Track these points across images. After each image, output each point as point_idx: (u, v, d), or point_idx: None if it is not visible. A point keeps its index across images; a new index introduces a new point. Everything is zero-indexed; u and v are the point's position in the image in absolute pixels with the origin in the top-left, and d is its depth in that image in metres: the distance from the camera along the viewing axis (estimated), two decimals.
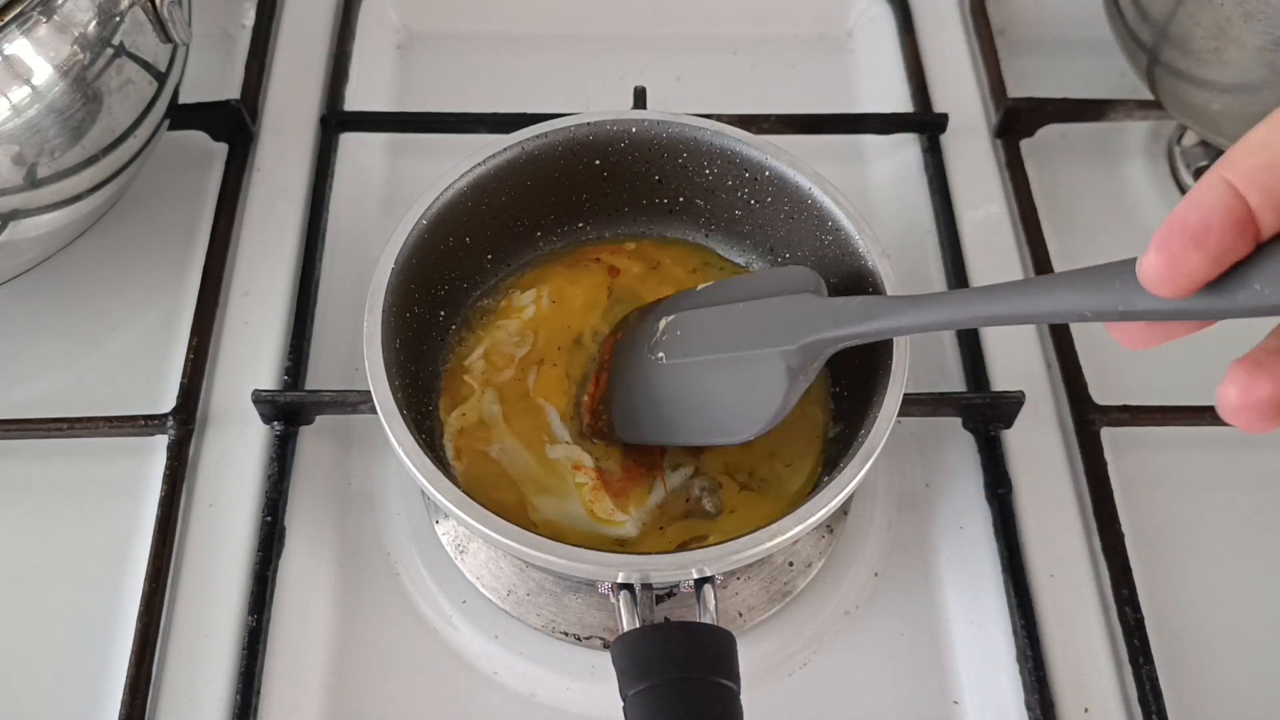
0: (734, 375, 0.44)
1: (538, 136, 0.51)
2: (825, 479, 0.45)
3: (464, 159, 0.50)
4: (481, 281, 0.54)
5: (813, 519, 0.41)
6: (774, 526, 0.40)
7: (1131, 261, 0.29)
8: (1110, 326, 0.30)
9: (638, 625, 0.39)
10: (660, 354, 0.47)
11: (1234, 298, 0.27)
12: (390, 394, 0.43)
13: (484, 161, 0.50)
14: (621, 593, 0.40)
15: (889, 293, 0.46)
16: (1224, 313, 0.27)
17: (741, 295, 0.46)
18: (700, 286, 0.50)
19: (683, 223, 0.55)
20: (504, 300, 0.53)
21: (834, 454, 0.48)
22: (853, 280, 0.49)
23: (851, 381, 0.49)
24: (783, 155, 0.50)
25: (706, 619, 0.40)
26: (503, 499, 0.48)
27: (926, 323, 0.38)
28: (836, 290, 0.50)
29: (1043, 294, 0.32)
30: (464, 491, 0.41)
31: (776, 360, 0.42)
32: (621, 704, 0.37)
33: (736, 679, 0.38)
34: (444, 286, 0.52)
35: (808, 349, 0.42)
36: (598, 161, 0.52)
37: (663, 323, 0.48)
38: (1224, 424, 0.57)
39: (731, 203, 0.53)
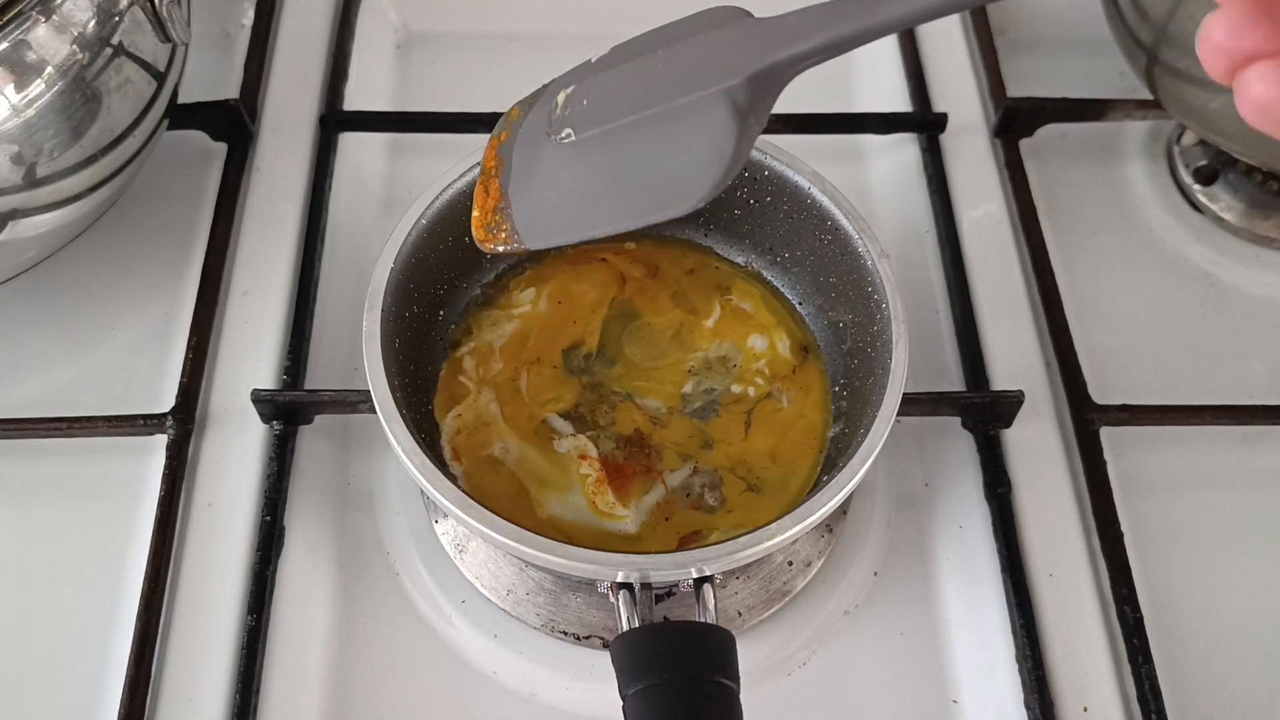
0: (665, 133, 0.36)
1: None
2: (825, 479, 0.45)
3: (463, 159, 0.50)
4: (480, 281, 0.54)
5: (812, 518, 0.41)
6: (773, 526, 0.40)
7: None
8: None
9: (637, 624, 0.39)
10: (567, 130, 0.39)
11: None
12: (389, 394, 0.43)
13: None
14: (621, 592, 0.40)
15: (889, 295, 0.46)
16: None
17: (658, 44, 0.39)
18: (595, 56, 0.42)
19: (681, 222, 0.55)
20: (502, 298, 0.53)
21: (833, 454, 0.48)
22: (852, 280, 0.49)
23: (850, 381, 0.50)
24: (782, 155, 0.50)
25: (706, 618, 0.40)
26: (506, 498, 0.48)
27: (905, 13, 0.31)
28: (837, 289, 0.51)
29: None
30: (465, 492, 0.41)
31: (719, 100, 0.35)
32: (621, 703, 0.37)
33: (736, 678, 0.38)
34: (443, 286, 0.52)
35: (756, 80, 0.34)
36: None
37: (562, 96, 0.41)
38: (1224, 423, 0.57)
39: (730, 202, 0.53)
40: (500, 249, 0.42)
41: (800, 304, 0.53)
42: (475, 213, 0.43)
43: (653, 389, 0.51)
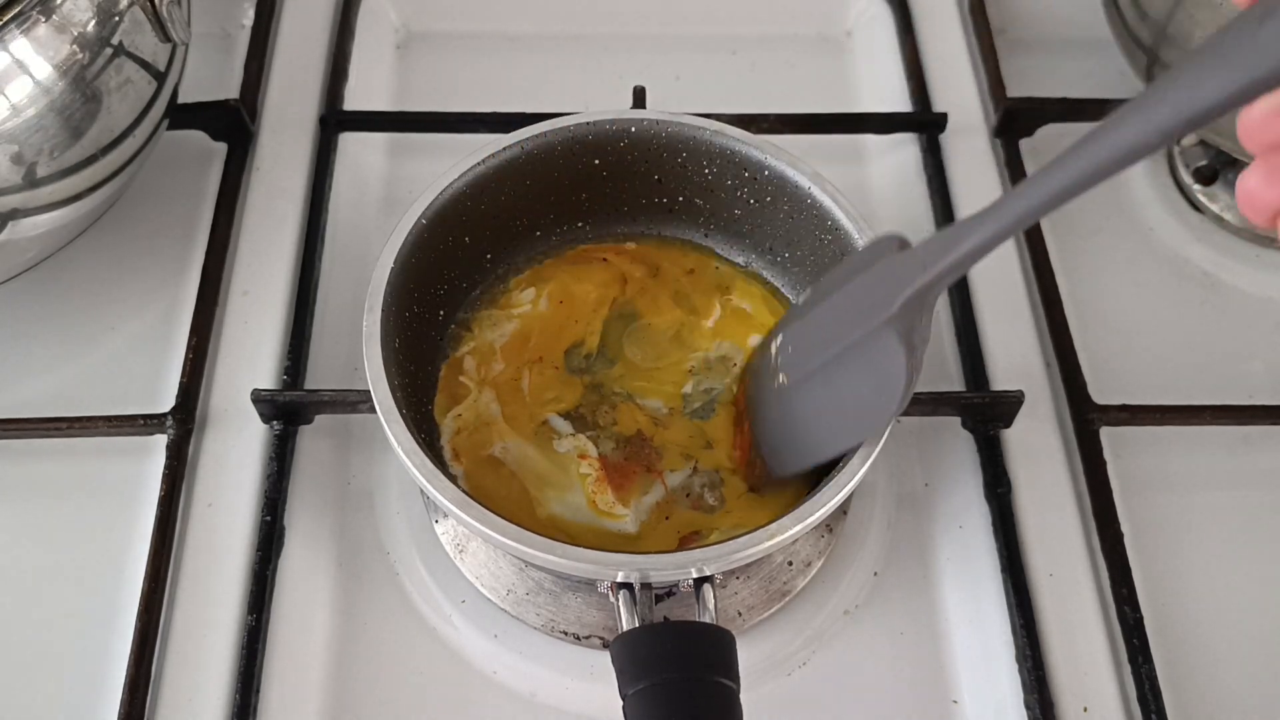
0: (853, 366, 0.42)
1: (537, 136, 0.51)
2: (825, 479, 0.45)
3: (463, 158, 0.50)
4: (480, 281, 0.54)
5: (812, 519, 0.41)
6: (773, 526, 0.40)
7: (1172, 70, 0.27)
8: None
9: (637, 624, 0.39)
10: (781, 377, 0.46)
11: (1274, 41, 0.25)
12: (390, 393, 0.43)
13: (483, 161, 0.50)
14: (621, 592, 0.40)
15: None
16: (1271, 71, 0.25)
17: (835, 286, 0.44)
18: (800, 298, 0.48)
19: (682, 222, 0.55)
20: (503, 298, 0.53)
21: None
22: None
23: None
24: (782, 155, 0.50)
25: (706, 618, 0.40)
26: (506, 498, 0.48)
27: (1008, 224, 0.36)
28: None
29: (1099, 145, 0.31)
30: (465, 492, 0.41)
31: (884, 332, 0.40)
32: (621, 704, 0.37)
33: (736, 678, 0.38)
34: (443, 286, 0.52)
35: (908, 306, 0.39)
36: (597, 161, 0.52)
37: (774, 346, 0.47)
38: (1224, 423, 0.57)
39: (731, 202, 0.53)
40: (758, 486, 0.48)
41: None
42: (737, 452, 0.49)
43: (653, 389, 0.51)
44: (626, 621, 0.40)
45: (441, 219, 0.49)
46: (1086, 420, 0.54)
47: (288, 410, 0.53)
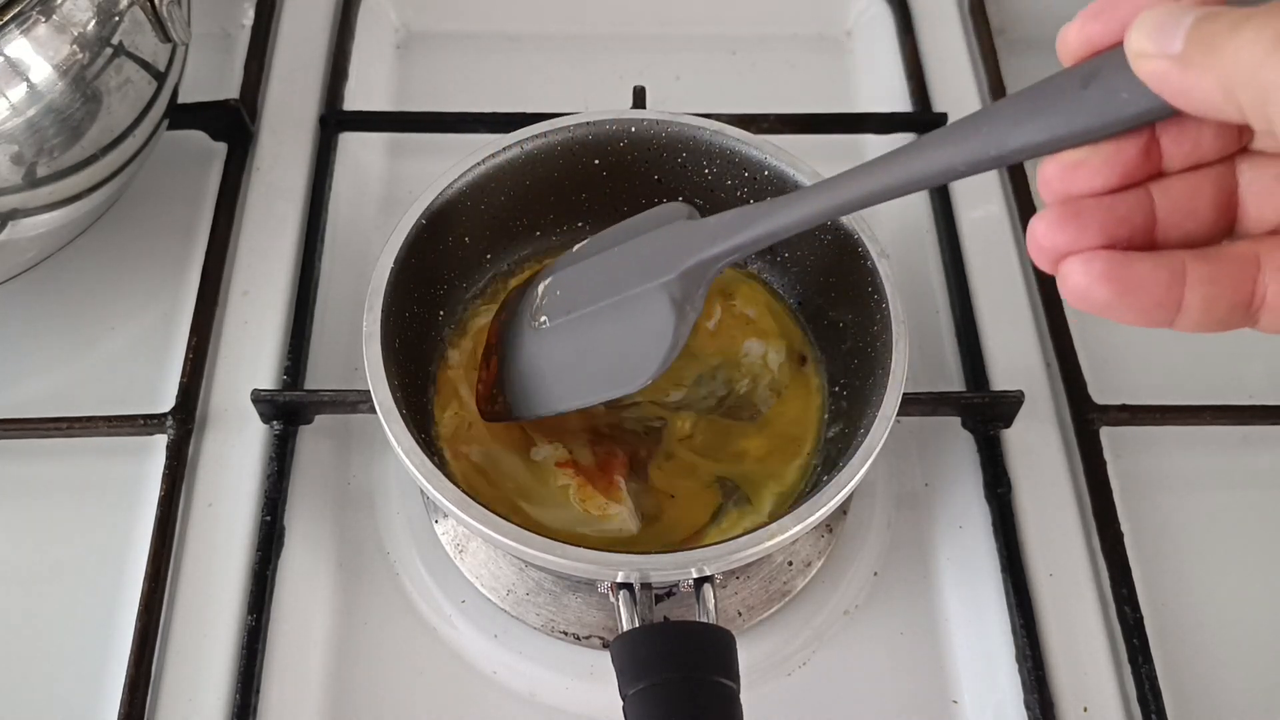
0: (619, 321, 0.42)
1: (537, 136, 0.51)
2: (824, 479, 0.45)
3: (463, 159, 0.50)
4: (480, 281, 0.54)
5: (812, 518, 0.41)
6: (773, 526, 0.40)
7: (992, 109, 0.29)
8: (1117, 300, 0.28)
9: (637, 625, 0.39)
10: (543, 318, 0.45)
11: (1100, 103, 0.27)
12: (390, 394, 0.43)
13: (483, 161, 0.50)
14: (621, 592, 0.40)
15: (889, 295, 0.46)
16: (1087, 128, 0.27)
17: (617, 240, 0.44)
18: (575, 246, 0.47)
19: None
20: (505, 297, 0.53)
21: (833, 454, 0.48)
22: (852, 280, 0.49)
23: (850, 380, 0.50)
24: (782, 155, 0.50)
25: (706, 618, 0.40)
26: (505, 499, 0.47)
27: (804, 216, 0.36)
28: (837, 289, 0.51)
29: (909, 159, 0.32)
30: (465, 492, 0.41)
31: (658, 294, 0.40)
32: (621, 703, 0.37)
33: (736, 678, 0.38)
34: (443, 286, 0.52)
35: (688, 274, 0.40)
36: (597, 161, 0.52)
37: (540, 287, 0.46)
38: (1224, 424, 0.57)
39: (730, 202, 0.53)
40: (495, 420, 0.48)
41: (800, 304, 0.54)
42: (478, 386, 0.48)
43: (650, 390, 0.51)
44: (627, 621, 0.40)
45: (441, 219, 0.49)
46: (1086, 420, 0.54)
47: (288, 410, 0.53)
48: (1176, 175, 0.28)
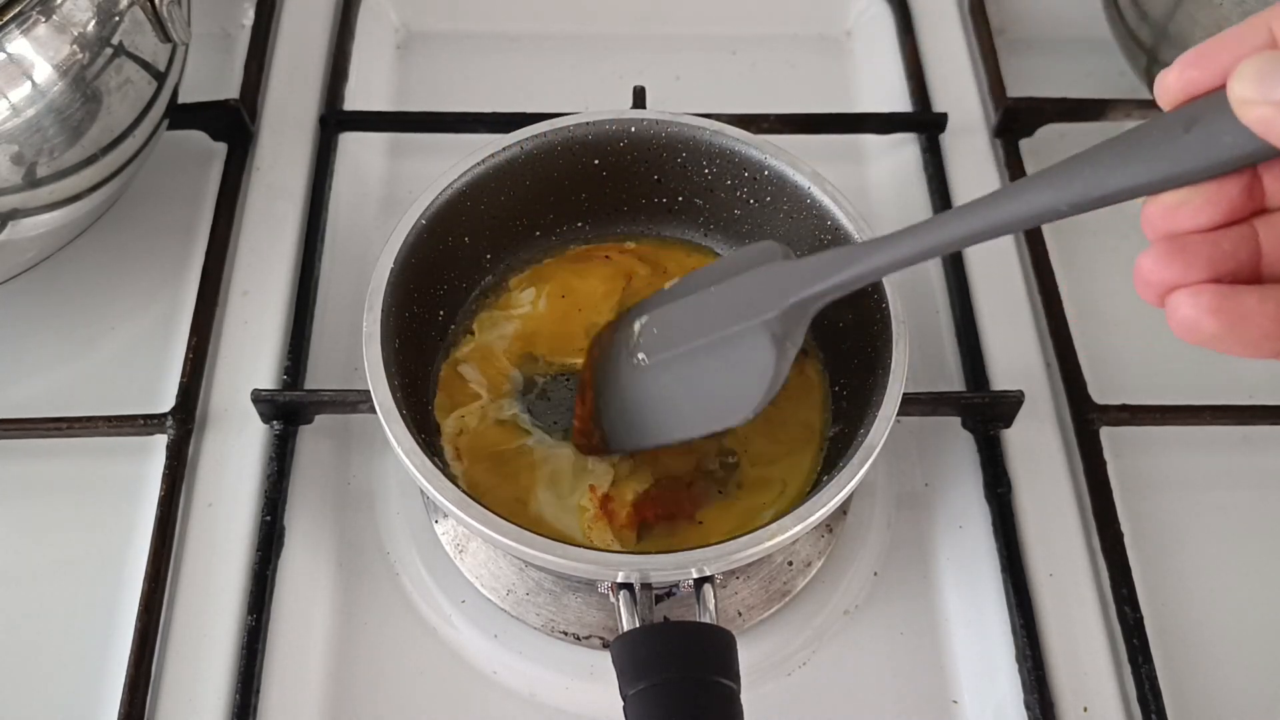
0: (720, 358, 0.43)
1: (536, 136, 0.51)
2: (824, 479, 0.45)
3: (462, 159, 0.50)
4: (480, 281, 0.54)
5: (813, 518, 0.41)
6: (774, 526, 0.40)
7: (1093, 152, 0.30)
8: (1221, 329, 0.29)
9: (637, 625, 0.39)
10: (641, 355, 0.46)
11: (1202, 146, 0.27)
12: (390, 394, 0.43)
13: (483, 161, 0.50)
14: (621, 592, 0.40)
15: (889, 295, 0.46)
16: (1190, 170, 0.28)
17: (713, 280, 0.45)
18: (669, 284, 0.49)
19: (682, 222, 0.55)
20: (503, 298, 0.53)
21: (833, 454, 0.48)
22: None
23: (850, 380, 0.50)
24: (782, 154, 0.50)
25: (706, 618, 0.40)
26: (505, 500, 0.47)
27: (901, 257, 0.37)
28: None
29: (1010, 200, 0.32)
30: (465, 492, 0.41)
31: (760, 331, 0.41)
32: (621, 704, 0.37)
33: (736, 678, 0.38)
34: (443, 286, 0.52)
35: (789, 313, 0.41)
36: (597, 161, 0.52)
37: (637, 325, 0.47)
38: (1224, 424, 0.57)
39: (730, 202, 0.53)
40: (592, 454, 0.49)
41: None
42: (575, 422, 0.50)
43: None
44: (627, 622, 0.40)
45: (441, 219, 0.49)
46: (1086, 420, 0.54)
47: (288, 410, 0.53)
48: None
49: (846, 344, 0.50)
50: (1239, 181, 0.28)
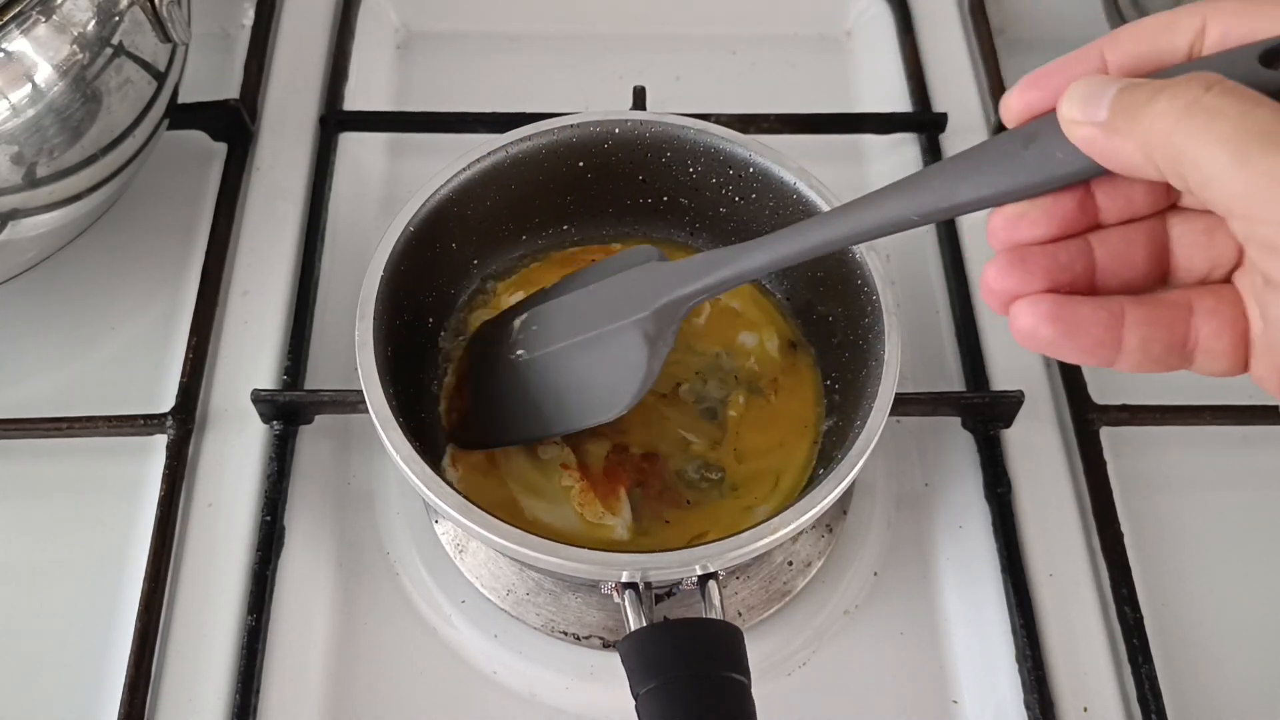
0: (595, 355, 0.44)
1: (522, 140, 0.51)
2: (821, 472, 0.45)
3: (448, 164, 0.50)
4: (469, 286, 0.54)
5: (814, 510, 0.41)
6: (775, 520, 0.40)
7: (940, 165, 0.32)
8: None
9: (644, 624, 0.39)
10: (520, 351, 0.47)
11: (1038, 162, 0.30)
12: (385, 401, 0.43)
13: (468, 167, 0.50)
14: (626, 592, 0.40)
15: (878, 287, 0.46)
16: (1027, 184, 0.30)
17: (590, 280, 0.47)
18: (551, 285, 0.50)
19: (668, 222, 0.55)
20: (492, 302, 0.54)
21: (828, 447, 0.48)
22: (841, 273, 0.49)
23: (843, 374, 0.49)
24: (767, 151, 0.50)
25: (712, 614, 0.40)
26: (502, 504, 0.47)
27: (766, 261, 0.39)
28: (826, 283, 0.51)
29: (867, 209, 0.34)
30: (463, 496, 0.41)
31: (632, 330, 0.43)
32: (621, 703, 0.37)
33: (747, 673, 0.38)
34: (431, 293, 0.52)
35: (661, 313, 0.42)
36: (582, 163, 0.52)
37: (517, 322, 0.48)
38: (1224, 424, 0.57)
39: (716, 200, 0.53)
40: (468, 448, 0.49)
41: (789, 299, 0.54)
42: (453, 415, 0.50)
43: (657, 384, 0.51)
44: (634, 621, 0.40)
45: (428, 226, 0.49)
46: (1086, 420, 0.54)
47: (288, 410, 0.53)
48: (1114, 228, 0.30)
49: (837, 338, 0.50)
50: (1073, 197, 0.30)
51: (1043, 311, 0.29)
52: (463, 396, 0.50)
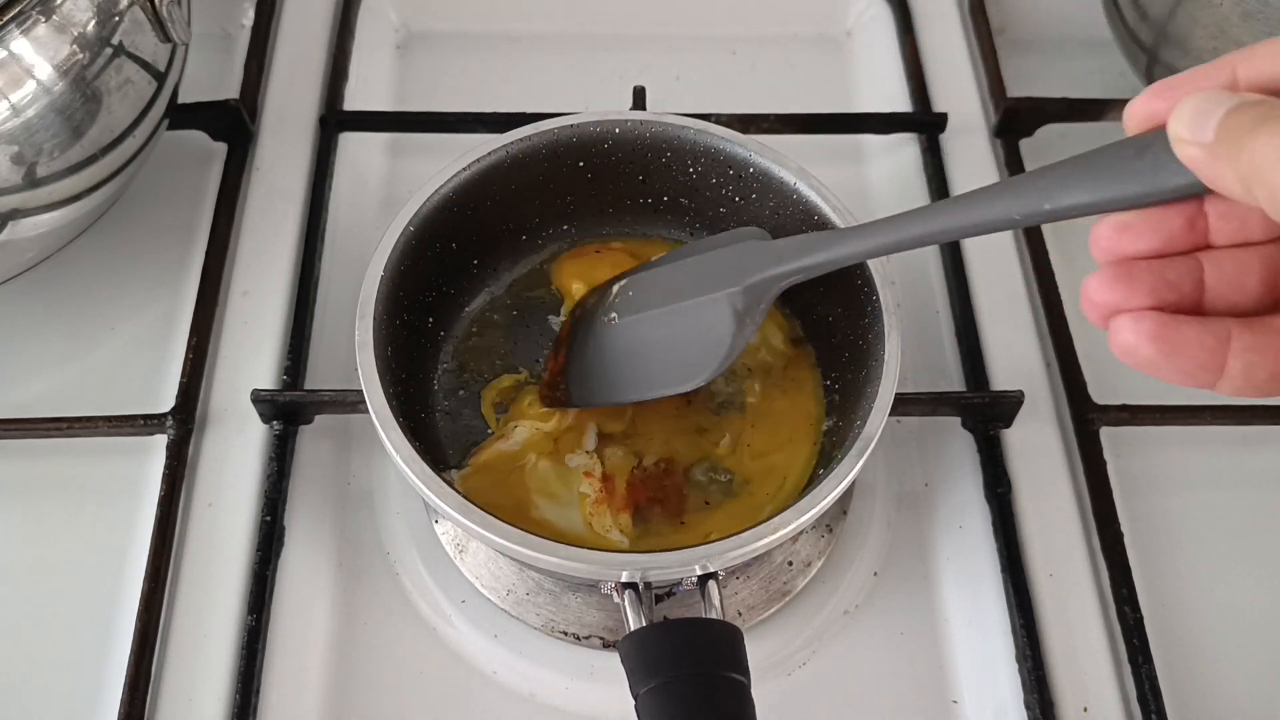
0: (684, 323, 0.45)
1: (522, 140, 0.51)
2: (821, 472, 0.45)
3: (448, 164, 0.50)
4: (469, 286, 0.54)
5: (815, 510, 0.41)
6: (775, 520, 0.40)
7: (1051, 167, 0.31)
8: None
9: (644, 624, 0.39)
10: (613, 314, 0.48)
11: (1150, 173, 0.29)
12: (385, 402, 0.43)
13: (468, 166, 0.50)
14: (626, 592, 0.40)
15: (878, 287, 0.46)
16: (1137, 195, 0.29)
17: (692, 254, 0.47)
18: (655, 257, 0.50)
19: (667, 222, 0.55)
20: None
21: (828, 447, 0.48)
22: (840, 273, 0.48)
23: (842, 375, 0.49)
24: (766, 151, 0.50)
25: (712, 614, 0.40)
26: (501, 504, 0.47)
27: (866, 249, 0.39)
28: (825, 283, 0.50)
29: (972, 206, 0.34)
30: (463, 496, 0.41)
31: (723, 303, 0.43)
32: (621, 703, 0.37)
33: (746, 673, 0.38)
34: (432, 293, 0.52)
35: (752, 289, 0.43)
36: (582, 163, 0.52)
37: (616, 287, 0.49)
38: (1224, 423, 0.57)
39: (716, 200, 0.53)
40: (554, 407, 0.50)
41: (788, 298, 0.53)
42: (545, 375, 0.51)
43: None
44: (634, 621, 0.40)
45: (428, 226, 0.49)
46: (1086, 420, 0.54)
47: (288, 410, 0.53)
48: (1228, 249, 0.29)
49: (836, 338, 0.50)
50: (1183, 213, 0.29)
51: (1146, 329, 0.28)
52: (557, 358, 0.51)
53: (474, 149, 0.50)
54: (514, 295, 0.55)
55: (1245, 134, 0.25)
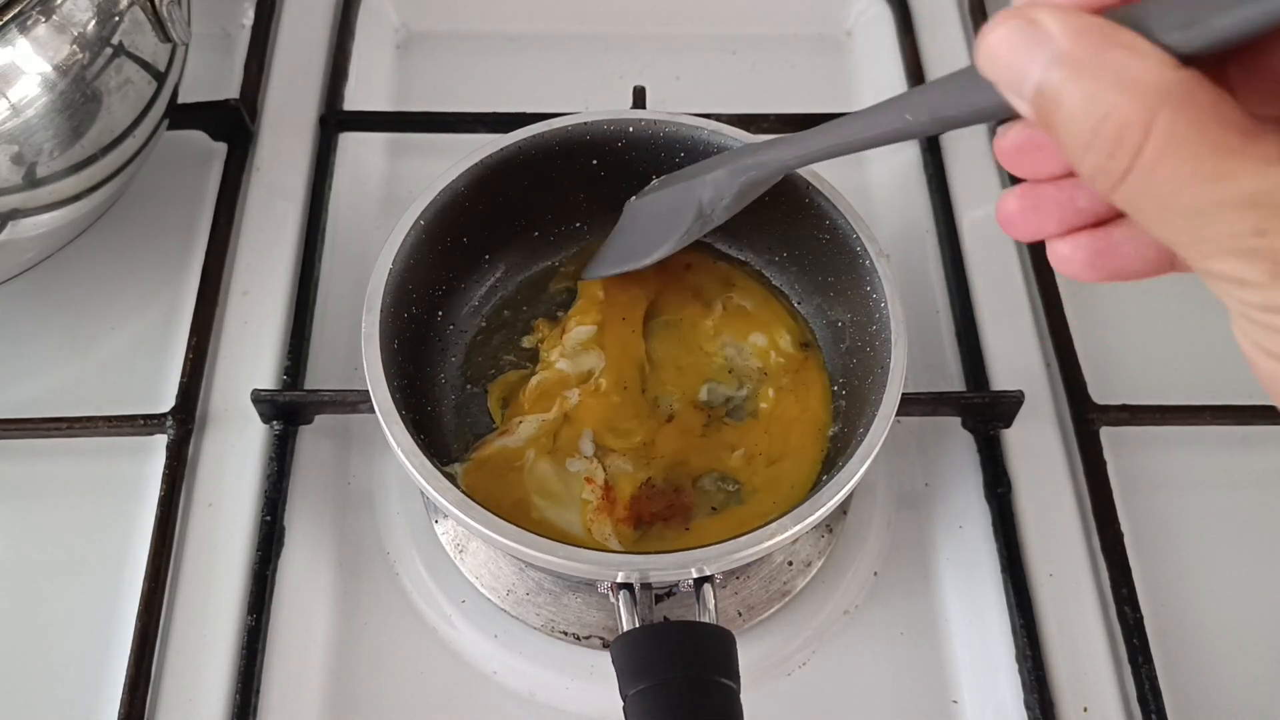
0: (659, 207, 0.48)
1: (534, 136, 0.51)
2: (824, 478, 0.45)
3: (461, 159, 0.50)
4: (479, 282, 0.54)
5: (813, 518, 0.41)
6: (773, 525, 0.40)
7: (943, 80, 0.32)
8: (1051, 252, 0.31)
9: (637, 625, 0.39)
10: (633, 197, 0.51)
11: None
12: (389, 395, 0.43)
13: (481, 161, 0.50)
14: (621, 592, 0.40)
15: (889, 296, 0.46)
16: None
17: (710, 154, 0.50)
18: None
19: None
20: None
21: (832, 453, 0.48)
22: (851, 279, 0.49)
23: (849, 381, 0.50)
24: None
25: (706, 618, 0.40)
26: (502, 504, 0.47)
27: (802, 153, 0.41)
28: (835, 288, 0.51)
29: (900, 107, 0.34)
30: (464, 492, 0.41)
31: (691, 187, 0.46)
32: (621, 704, 0.37)
33: (736, 678, 0.38)
34: (441, 287, 0.52)
35: (718, 179, 0.45)
36: (594, 161, 0.52)
37: (655, 179, 0.52)
38: (1224, 424, 0.57)
39: None
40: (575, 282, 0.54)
41: (799, 303, 0.54)
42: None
43: (673, 386, 0.51)
44: (627, 622, 0.40)
45: (439, 220, 0.49)
46: (1086, 420, 0.54)
47: (288, 410, 0.53)
48: None
49: (845, 343, 0.50)
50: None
51: (1080, 258, 0.30)
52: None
53: (486, 144, 0.50)
54: (524, 291, 0.55)
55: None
